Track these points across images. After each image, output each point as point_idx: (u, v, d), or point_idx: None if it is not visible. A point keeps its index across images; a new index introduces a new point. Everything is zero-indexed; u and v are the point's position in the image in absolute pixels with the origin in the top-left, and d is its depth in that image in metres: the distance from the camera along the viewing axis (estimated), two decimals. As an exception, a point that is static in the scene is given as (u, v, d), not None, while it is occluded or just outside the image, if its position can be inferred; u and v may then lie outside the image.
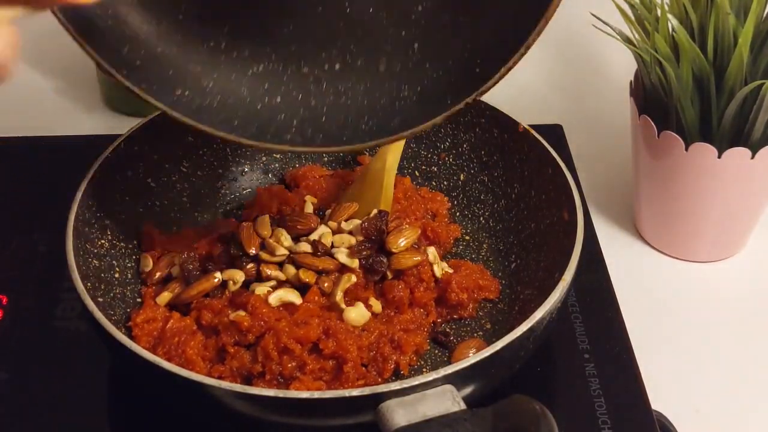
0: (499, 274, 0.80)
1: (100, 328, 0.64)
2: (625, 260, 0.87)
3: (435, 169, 0.87)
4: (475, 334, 0.76)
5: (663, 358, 0.79)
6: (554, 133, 0.96)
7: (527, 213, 0.80)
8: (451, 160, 0.86)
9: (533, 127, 0.80)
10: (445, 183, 0.86)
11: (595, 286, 0.81)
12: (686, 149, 0.79)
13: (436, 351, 0.74)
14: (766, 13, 0.77)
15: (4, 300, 0.80)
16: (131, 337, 0.69)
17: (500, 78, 0.62)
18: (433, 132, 0.86)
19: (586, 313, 0.79)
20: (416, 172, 0.87)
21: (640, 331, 0.78)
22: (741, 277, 0.87)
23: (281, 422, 0.62)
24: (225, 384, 0.60)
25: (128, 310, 0.74)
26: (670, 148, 0.80)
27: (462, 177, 0.85)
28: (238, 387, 0.60)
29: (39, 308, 0.79)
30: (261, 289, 0.72)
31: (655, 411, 0.72)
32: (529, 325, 0.63)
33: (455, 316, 0.76)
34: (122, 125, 0.81)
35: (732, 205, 0.83)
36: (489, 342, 0.71)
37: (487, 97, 0.82)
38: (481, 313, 0.77)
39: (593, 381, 0.73)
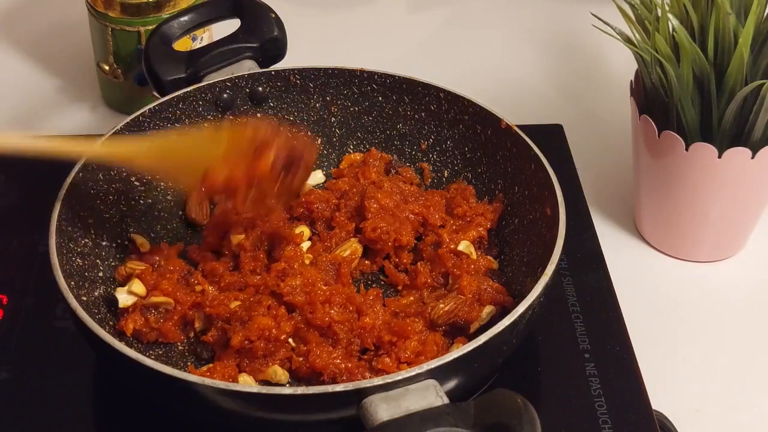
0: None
1: (83, 327, 0.64)
2: (625, 260, 0.87)
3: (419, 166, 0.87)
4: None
5: (663, 358, 0.79)
6: (554, 133, 0.96)
7: (510, 209, 0.80)
8: (435, 156, 0.86)
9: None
10: (429, 179, 0.86)
11: (595, 285, 0.81)
12: (686, 149, 0.79)
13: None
14: (766, 13, 0.77)
15: (4, 300, 0.80)
16: (116, 334, 0.70)
17: None
18: (417, 129, 0.86)
19: (587, 312, 0.79)
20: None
21: (640, 331, 0.78)
22: (741, 277, 0.87)
23: (265, 418, 0.62)
24: (208, 381, 0.60)
25: (113, 308, 0.74)
26: (671, 147, 0.80)
27: (446, 173, 0.85)
28: (221, 384, 0.60)
29: (39, 308, 0.79)
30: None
31: (655, 411, 0.72)
32: (511, 320, 0.63)
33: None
34: (122, 125, 0.81)
35: (732, 205, 0.83)
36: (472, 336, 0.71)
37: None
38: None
39: (593, 381, 0.73)
